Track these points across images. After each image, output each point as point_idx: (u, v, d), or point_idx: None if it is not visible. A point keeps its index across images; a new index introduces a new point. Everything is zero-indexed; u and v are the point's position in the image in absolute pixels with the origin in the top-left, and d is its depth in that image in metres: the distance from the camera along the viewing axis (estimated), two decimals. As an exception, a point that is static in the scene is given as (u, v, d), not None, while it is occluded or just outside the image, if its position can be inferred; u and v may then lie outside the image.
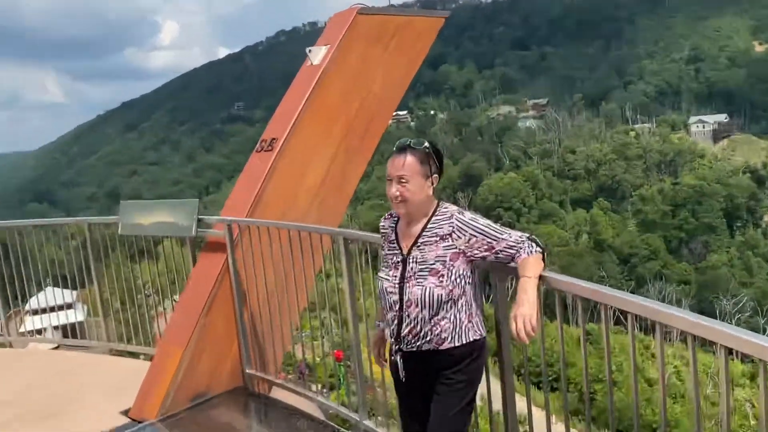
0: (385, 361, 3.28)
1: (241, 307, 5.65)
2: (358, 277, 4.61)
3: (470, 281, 3.02)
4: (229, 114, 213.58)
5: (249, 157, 6.01)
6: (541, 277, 2.94)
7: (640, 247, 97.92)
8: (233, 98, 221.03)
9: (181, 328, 5.51)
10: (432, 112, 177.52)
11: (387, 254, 3.20)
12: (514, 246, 2.93)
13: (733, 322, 72.62)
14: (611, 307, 2.80)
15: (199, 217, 5.91)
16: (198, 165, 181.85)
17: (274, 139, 5.83)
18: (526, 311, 2.83)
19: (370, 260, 4.34)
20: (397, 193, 2.98)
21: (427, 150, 3.01)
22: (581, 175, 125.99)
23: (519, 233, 3.00)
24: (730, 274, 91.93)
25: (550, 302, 3.12)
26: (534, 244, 2.96)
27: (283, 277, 5.20)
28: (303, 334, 6.59)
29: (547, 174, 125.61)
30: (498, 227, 2.99)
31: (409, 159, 2.98)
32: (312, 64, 6.12)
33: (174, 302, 7.10)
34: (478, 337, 3.03)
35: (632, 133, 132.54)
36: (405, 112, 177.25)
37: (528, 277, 2.89)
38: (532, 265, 2.92)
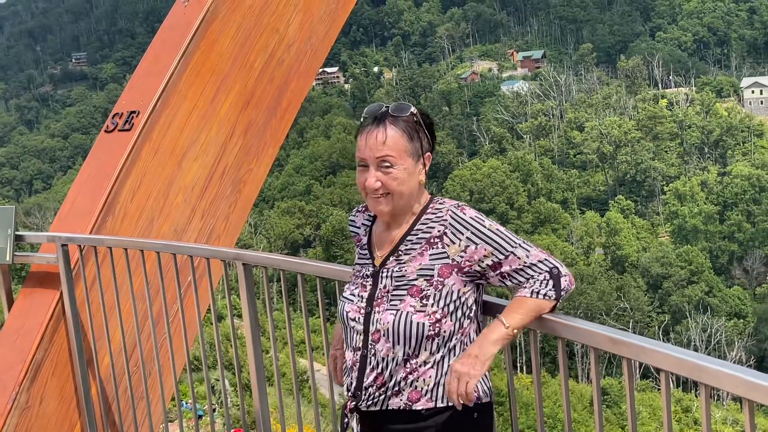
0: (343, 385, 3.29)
1: (84, 372, 5.54)
2: (266, 318, 4.58)
3: (471, 313, 3.06)
4: (64, 70, 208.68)
5: (95, 138, 5.93)
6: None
7: (675, 265, 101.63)
8: (69, 45, 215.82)
9: (-10, 407, 5.35)
10: (375, 69, 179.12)
11: (357, 263, 3.25)
12: (527, 273, 2.97)
13: (806, 370, 76.10)
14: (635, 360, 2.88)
15: (18, 233, 5.78)
16: (14, 150, 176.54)
17: (133, 112, 5.77)
18: (466, 369, 2.88)
19: (285, 293, 4.33)
20: (378, 185, 3.00)
21: (415, 117, 3.05)
22: (593, 163, 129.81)
23: (544, 254, 3.01)
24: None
25: (551, 350, 3.14)
26: (551, 285, 2.96)
27: (151, 321, 5.12)
28: (183, 407, 6.48)
29: (544, 161, 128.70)
30: (513, 236, 3.01)
31: (392, 132, 3.00)
32: (192, -2, 6.07)
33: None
34: (472, 403, 3.00)
35: (663, 102, 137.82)
36: (335, 68, 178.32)
37: (503, 325, 2.92)
38: (523, 311, 2.95)
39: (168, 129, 5.84)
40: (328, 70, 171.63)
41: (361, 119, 3.09)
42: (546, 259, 2.98)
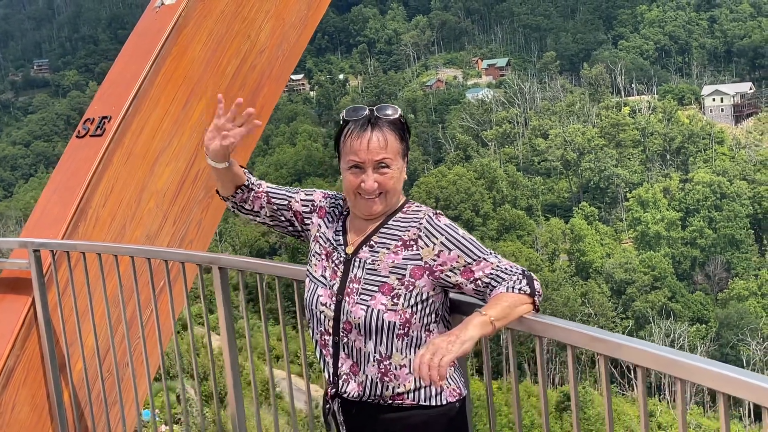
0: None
1: (57, 378, 5.51)
2: (240, 324, 4.60)
3: (441, 319, 3.15)
4: (25, 77, 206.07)
5: (57, 145, 5.90)
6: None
7: (639, 271, 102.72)
8: (31, 52, 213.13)
9: (-40, 414, 5.30)
10: (341, 77, 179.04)
11: (327, 243, 3.27)
12: (500, 275, 3.03)
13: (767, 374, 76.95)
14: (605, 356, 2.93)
15: (-13, 239, 5.76)
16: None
17: (105, 118, 5.76)
18: (444, 345, 2.76)
19: (261, 297, 4.32)
20: (375, 185, 3.08)
21: (402, 119, 3.17)
22: (557, 170, 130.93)
23: (513, 263, 3.10)
24: (761, 308, 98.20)
25: (525, 351, 3.18)
26: (525, 282, 3.00)
27: (124, 328, 5.10)
28: (155, 417, 6.44)
29: (509, 168, 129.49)
30: (484, 247, 3.09)
31: (389, 135, 3.11)
32: (163, 3, 6.07)
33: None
34: (455, 399, 3.16)
35: (626, 109, 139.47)
36: (300, 76, 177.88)
37: (482, 315, 2.89)
38: (501, 303, 2.95)
39: (140, 134, 5.83)
40: (293, 77, 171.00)
41: (343, 121, 3.15)
42: (514, 264, 3.10)
